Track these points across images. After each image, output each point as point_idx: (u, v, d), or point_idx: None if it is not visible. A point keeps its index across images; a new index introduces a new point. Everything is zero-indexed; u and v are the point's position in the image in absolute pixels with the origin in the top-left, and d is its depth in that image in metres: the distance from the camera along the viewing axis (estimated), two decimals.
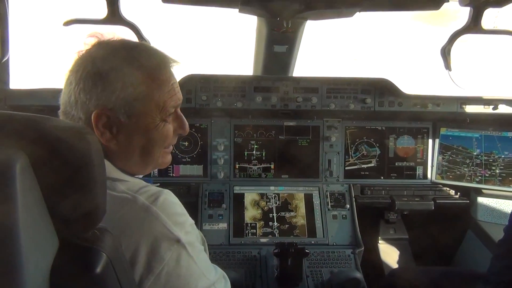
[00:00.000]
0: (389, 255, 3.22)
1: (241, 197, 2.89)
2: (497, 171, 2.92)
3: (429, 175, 3.08)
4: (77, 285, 0.99)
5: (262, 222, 2.80)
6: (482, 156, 2.95)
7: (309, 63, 3.21)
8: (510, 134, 2.89)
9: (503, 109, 2.87)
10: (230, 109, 2.87)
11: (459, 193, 3.07)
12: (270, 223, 2.80)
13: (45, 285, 0.93)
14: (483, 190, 2.99)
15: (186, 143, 2.96)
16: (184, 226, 1.29)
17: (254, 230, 2.78)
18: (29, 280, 0.85)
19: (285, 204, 2.88)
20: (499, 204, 2.93)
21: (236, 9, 2.11)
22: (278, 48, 2.75)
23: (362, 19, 2.29)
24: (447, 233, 3.12)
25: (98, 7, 2.06)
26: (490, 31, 2.26)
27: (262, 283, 2.44)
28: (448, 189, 3.08)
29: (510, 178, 2.90)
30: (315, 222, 2.83)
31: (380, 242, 3.28)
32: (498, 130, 2.92)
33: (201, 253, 1.40)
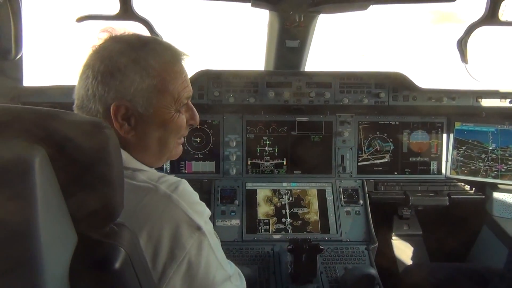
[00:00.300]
0: (403, 251, 3.19)
1: (254, 193, 2.88)
2: None
3: (444, 170, 3.04)
4: (96, 281, 0.98)
5: (275, 219, 2.79)
6: (498, 151, 2.91)
7: (316, 59, 3.17)
8: None
9: None
10: (243, 105, 2.85)
11: (474, 188, 3.03)
12: (283, 219, 2.79)
13: (64, 281, 0.93)
14: (499, 185, 2.95)
15: (198, 140, 2.95)
16: (203, 216, 1.31)
17: (267, 227, 2.77)
18: (49, 275, 0.85)
19: (298, 200, 2.86)
20: None
21: (249, 4, 2.09)
22: (290, 43, 2.73)
23: (370, 14, 2.26)
24: (462, 229, 3.08)
25: (111, 3, 2.06)
26: (508, 23, 2.22)
27: (276, 279, 2.43)
28: (463, 184, 3.04)
29: None
30: (329, 218, 2.81)
31: (394, 238, 3.25)
32: None
33: (219, 245, 1.42)
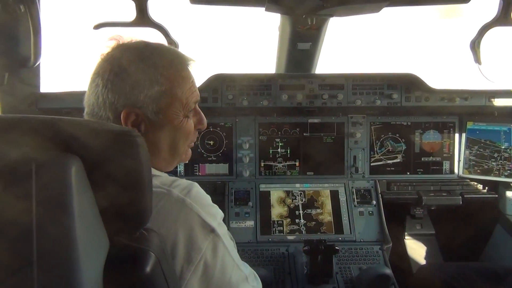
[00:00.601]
0: (416, 251, 3.20)
1: (267, 195, 2.90)
2: None
3: (456, 170, 3.04)
4: (128, 284, 1.01)
5: (289, 220, 2.81)
6: (511, 150, 2.90)
7: (326, 60, 3.19)
8: None
9: None
10: (256, 108, 2.87)
11: (487, 188, 3.03)
12: (297, 220, 2.81)
13: (99, 284, 0.96)
14: None
15: (212, 142, 2.98)
16: (216, 218, 1.34)
17: (281, 228, 2.79)
18: (85, 279, 0.88)
19: (311, 201, 2.88)
20: None
21: (263, 8, 2.11)
22: (302, 46, 2.75)
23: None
24: (475, 228, 3.08)
25: (127, 10, 2.09)
26: None
27: (292, 280, 2.45)
28: (476, 184, 3.04)
29: None
30: (342, 219, 2.82)
31: (407, 238, 3.26)
32: None
33: (233, 246, 1.44)
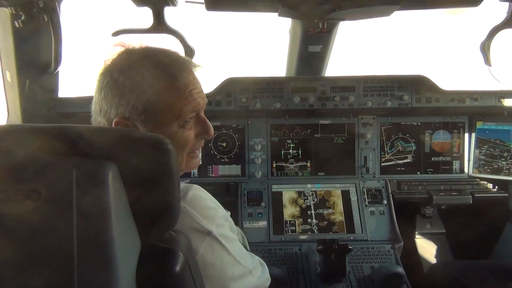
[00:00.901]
0: (427, 250, 3.24)
1: (279, 195, 2.95)
2: None
3: (466, 169, 3.08)
4: (159, 283, 1.08)
5: (301, 219, 2.86)
6: None
7: (336, 62, 3.24)
8: None
9: None
10: (269, 110, 2.93)
11: (497, 187, 3.06)
12: (309, 220, 2.86)
13: (133, 282, 1.02)
14: None
15: (224, 144, 3.04)
16: (215, 219, 1.35)
17: (294, 227, 2.84)
18: (121, 278, 0.94)
19: (323, 201, 2.92)
20: None
21: (276, 13, 2.16)
22: (313, 48, 2.79)
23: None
24: (486, 227, 3.11)
25: (144, 17, 2.15)
26: None
27: (305, 279, 2.50)
28: (486, 183, 3.07)
29: None
30: (353, 219, 2.87)
31: (417, 237, 3.29)
32: None
33: (235, 243, 1.47)
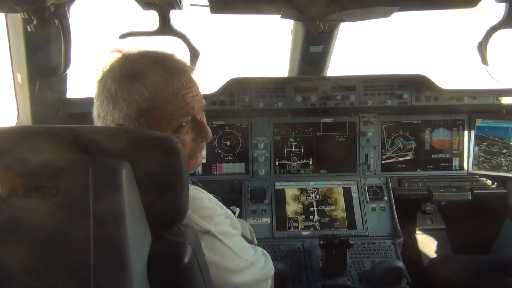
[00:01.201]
0: (427, 245, 3.30)
1: (282, 193, 3.02)
2: None
3: (466, 166, 3.13)
4: (169, 274, 1.14)
5: (303, 216, 2.93)
6: None
7: (338, 62, 3.31)
8: None
9: None
10: (272, 109, 3.00)
11: (496, 183, 3.11)
12: (311, 217, 2.92)
13: (144, 273, 1.09)
14: None
15: (228, 143, 3.11)
16: (213, 218, 1.41)
17: (296, 224, 2.91)
18: (134, 268, 1.01)
19: (325, 198, 2.99)
20: None
21: (278, 15, 2.22)
22: (314, 49, 2.85)
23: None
24: (485, 223, 3.17)
25: (150, 20, 2.22)
26: None
27: (308, 274, 2.57)
28: (485, 180, 3.12)
29: None
30: (355, 215, 2.93)
31: (418, 233, 3.35)
32: None
33: (236, 238, 1.52)
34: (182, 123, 1.42)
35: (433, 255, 3.22)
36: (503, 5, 2.24)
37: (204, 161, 3.09)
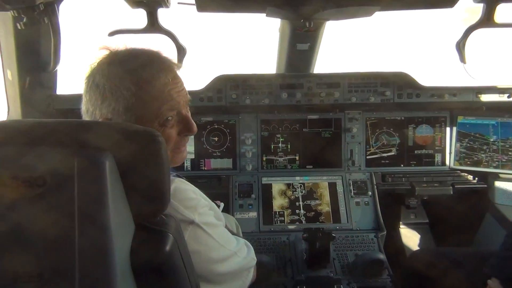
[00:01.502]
0: (410, 239, 3.38)
1: (269, 187, 3.09)
2: None
3: (448, 162, 3.22)
4: (151, 262, 1.19)
5: (290, 210, 3.00)
6: (499, 142, 3.07)
7: (325, 60, 3.37)
8: None
9: None
10: (258, 106, 3.06)
11: (477, 178, 3.20)
12: (297, 211, 3.00)
13: (127, 262, 1.15)
14: (500, 175, 3.11)
15: (216, 138, 3.16)
16: (197, 209, 1.47)
17: (282, 218, 2.98)
18: (117, 257, 1.06)
19: (311, 193, 3.06)
20: None
21: (263, 14, 2.28)
22: (301, 46, 2.91)
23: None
24: (466, 217, 3.25)
25: (138, 18, 2.27)
26: (503, 25, 2.37)
27: (292, 266, 2.64)
28: (466, 175, 3.21)
29: None
30: (339, 209, 3.01)
31: (402, 227, 3.44)
32: None
33: (219, 228, 1.58)
34: (168, 117, 1.48)
35: (416, 248, 3.30)
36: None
37: (193, 157, 3.15)
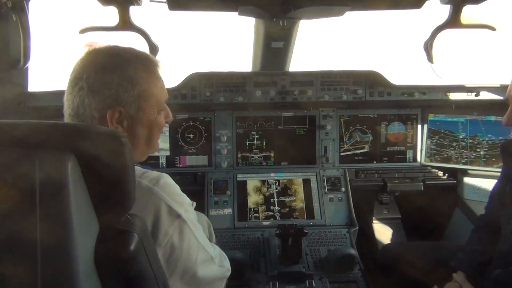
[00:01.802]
0: (383, 234, 3.46)
1: (244, 184, 3.12)
2: (482, 153, 3.13)
3: (419, 158, 3.30)
4: (116, 262, 1.21)
5: (264, 207, 3.04)
6: (468, 139, 3.16)
7: (302, 59, 3.41)
8: (493, 118, 3.08)
9: (485, 96, 3.08)
10: (232, 103, 3.08)
11: (447, 174, 3.29)
12: (272, 207, 3.03)
13: (91, 262, 1.16)
14: (469, 171, 3.21)
15: (192, 135, 3.17)
16: (183, 205, 1.51)
17: (257, 214, 3.01)
18: (79, 258, 1.07)
19: (285, 189, 3.10)
20: (484, 183, 3.14)
21: (236, 12, 2.30)
22: (275, 44, 2.93)
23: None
24: (437, 212, 3.34)
25: (110, 15, 2.25)
26: (469, 26, 2.44)
27: (266, 262, 2.68)
28: (437, 171, 3.30)
29: (493, 159, 3.10)
30: (313, 205, 3.06)
31: (375, 222, 3.51)
32: (482, 115, 3.11)
33: (200, 231, 1.62)
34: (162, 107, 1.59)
35: (388, 243, 3.38)
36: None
37: (168, 154, 3.15)
